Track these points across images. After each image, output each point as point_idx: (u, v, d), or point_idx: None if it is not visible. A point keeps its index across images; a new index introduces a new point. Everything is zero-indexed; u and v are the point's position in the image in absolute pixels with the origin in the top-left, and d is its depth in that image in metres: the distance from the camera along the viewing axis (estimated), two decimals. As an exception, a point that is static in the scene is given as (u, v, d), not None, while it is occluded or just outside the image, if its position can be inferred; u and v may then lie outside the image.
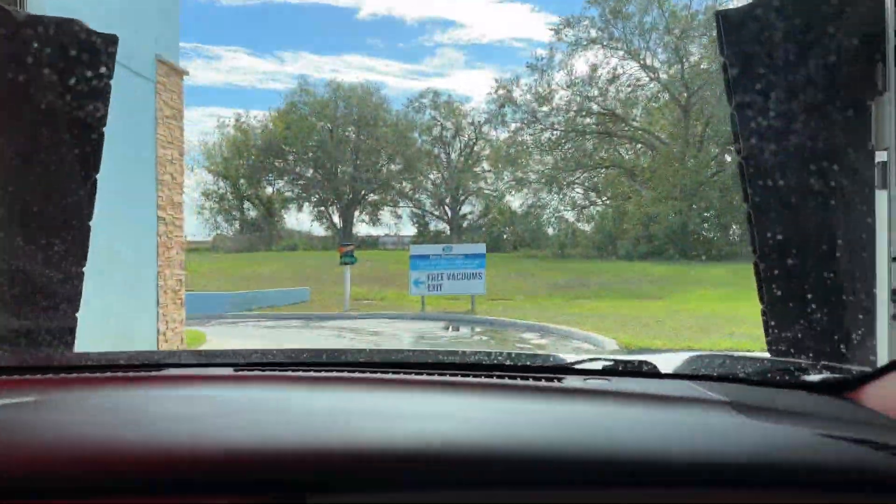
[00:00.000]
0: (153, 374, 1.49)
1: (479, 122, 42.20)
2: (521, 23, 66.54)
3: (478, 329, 14.19)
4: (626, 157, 34.68)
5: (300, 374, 1.49)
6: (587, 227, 35.36)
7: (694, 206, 29.06)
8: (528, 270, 24.70)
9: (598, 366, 1.52)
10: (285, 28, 68.01)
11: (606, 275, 23.71)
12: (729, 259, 26.62)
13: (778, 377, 1.49)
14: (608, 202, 34.66)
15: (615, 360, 1.55)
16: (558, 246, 32.02)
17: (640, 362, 1.54)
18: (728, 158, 31.85)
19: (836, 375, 1.42)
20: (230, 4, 65.29)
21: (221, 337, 11.60)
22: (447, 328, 14.32)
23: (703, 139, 30.65)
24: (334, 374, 1.50)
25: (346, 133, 43.46)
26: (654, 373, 1.50)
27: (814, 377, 1.43)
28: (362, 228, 48.23)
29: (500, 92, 33.83)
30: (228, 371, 1.50)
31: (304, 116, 41.57)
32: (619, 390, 1.36)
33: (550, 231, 36.06)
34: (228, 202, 41.76)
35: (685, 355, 1.71)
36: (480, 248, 16.92)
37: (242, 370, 1.50)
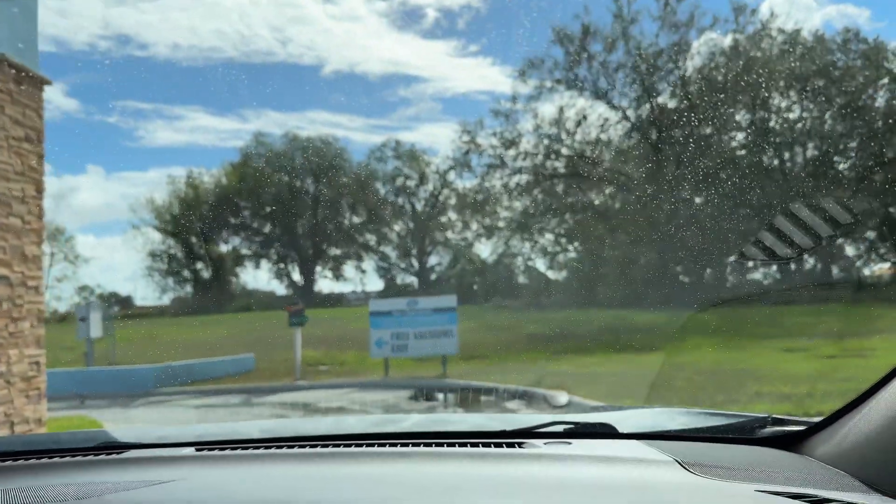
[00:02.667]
0: (114, 457, 1.49)
1: (443, 170, 40.61)
2: (483, 76, 66.50)
3: (451, 397, 11.94)
4: (598, 200, 33.26)
5: (261, 451, 1.49)
6: (560, 275, 33.64)
7: (670, 248, 27.55)
8: (503, 323, 22.58)
9: (559, 429, 1.56)
10: (247, 87, 66.67)
11: (587, 325, 21.70)
12: (713, 304, 24.89)
13: (730, 433, 1.53)
14: (581, 247, 33.07)
15: (575, 423, 1.60)
16: (532, 295, 30.07)
17: (599, 424, 1.59)
18: (698, 200, 30.56)
19: (786, 429, 1.47)
20: (191, 66, 63.89)
21: (129, 424, 9.17)
22: (415, 398, 12.02)
23: (675, 179, 29.31)
24: (294, 450, 1.48)
25: (305, 185, 41.45)
26: (612, 433, 1.56)
27: (765, 431, 1.49)
28: (325, 285, 45.70)
29: (465, 138, 32.23)
30: (190, 451, 1.52)
31: (259, 169, 39.48)
32: (578, 454, 1.41)
33: (523, 280, 34.23)
34: (178, 262, 39.04)
35: (644, 412, 1.80)
36: (451, 300, 14.67)
37: (203, 449, 1.52)
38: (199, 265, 39.75)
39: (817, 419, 1.39)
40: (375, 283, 45.20)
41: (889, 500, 1.10)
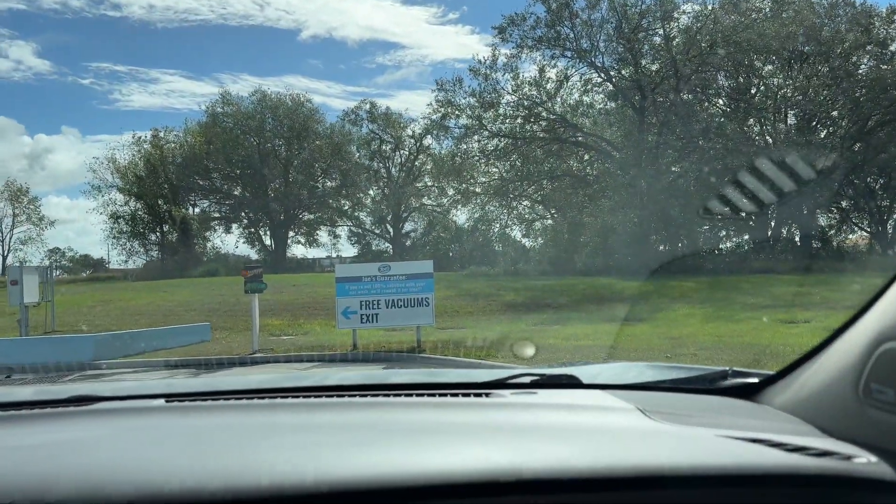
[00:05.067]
0: (84, 408, 1.46)
1: (419, 133, 38.60)
2: (462, 44, 64.27)
3: (426, 373, 10.38)
4: (577, 166, 31.62)
5: (232, 402, 1.48)
6: (538, 242, 32.18)
7: (654, 215, 26.07)
8: (481, 291, 21.02)
9: (526, 380, 1.57)
10: (223, 50, 63.67)
11: (568, 293, 20.24)
12: (695, 272, 23.62)
13: (691, 384, 1.53)
14: (558, 214, 31.58)
15: (542, 375, 1.60)
16: (510, 262, 28.60)
17: (564, 375, 1.63)
18: (675, 169, 29.04)
19: (744, 380, 1.46)
20: (166, 27, 60.53)
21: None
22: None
23: (658, 145, 27.68)
24: (264, 401, 1.45)
25: (276, 147, 39.08)
26: (576, 384, 1.58)
27: (725, 383, 1.49)
28: (298, 250, 43.70)
29: (441, 97, 30.10)
30: (160, 402, 1.49)
31: (228, 130, 36.97)
32: (543, 402, 1.41)
33: (500, 247, 32.70)
34: (143, 224, 36.65)
35: (610, 366, 1.88)
36: (426, 265, 12.99)
37: (174, 400, 1.49)
38: (165, 228, 37.47)
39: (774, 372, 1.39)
40: (349, 249, 43.38)
41: (840, 442, 1.11)
